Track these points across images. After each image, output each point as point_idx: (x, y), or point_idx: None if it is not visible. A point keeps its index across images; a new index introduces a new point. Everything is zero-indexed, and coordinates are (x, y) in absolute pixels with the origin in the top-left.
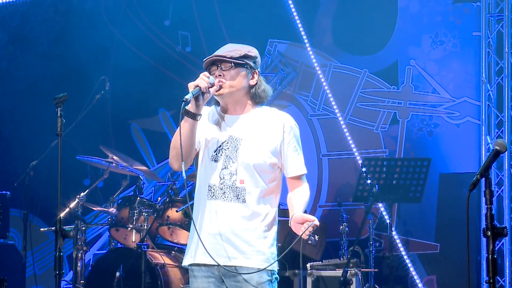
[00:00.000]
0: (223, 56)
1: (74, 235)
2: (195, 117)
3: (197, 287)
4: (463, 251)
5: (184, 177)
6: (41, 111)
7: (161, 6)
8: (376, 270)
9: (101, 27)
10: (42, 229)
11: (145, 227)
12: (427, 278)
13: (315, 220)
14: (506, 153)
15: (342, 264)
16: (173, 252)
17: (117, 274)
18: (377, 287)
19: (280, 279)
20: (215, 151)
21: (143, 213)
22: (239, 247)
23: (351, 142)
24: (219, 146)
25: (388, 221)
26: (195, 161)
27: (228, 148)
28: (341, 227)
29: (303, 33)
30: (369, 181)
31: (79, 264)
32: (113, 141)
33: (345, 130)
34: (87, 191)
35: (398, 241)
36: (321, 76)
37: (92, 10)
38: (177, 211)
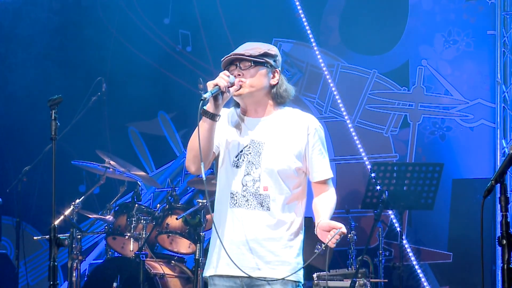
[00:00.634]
0: (241, 55)
1: (69, 244)
2: (213, 117)
3: None
4: (477, 261)
5: (204, 178)
6: (35, 113)
7: (160, 4)
8: (386, 280)
9: (97, 25)
10: (35, 238)
11: (144, 235)
12: None
13: (342, 227)
14: None
15: (350, 274)
16: (172, 261)
17: (114, 284)
18: None
19: None
20: (236, 156)
21: (142, 221)
22: (264, 257)
23: (359, 146)
24: (240, 151)
25: (398, 229)
26: (214, 165)
27: (250, 153)
28: (349, 235)
29: (309, 31)
30: (378, 187)
31: (74, 274)
32: (110, 145)
33: (353, 134)
34: (82, 197)
35: (409, 250)
36: (328, 77)
37: (88, 7)
38: (177, 219)
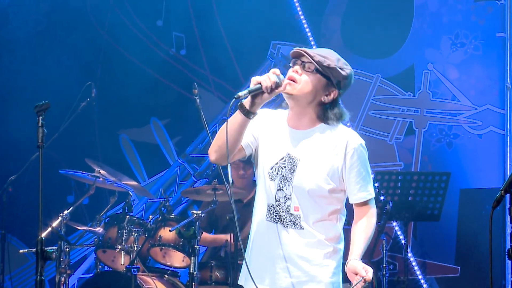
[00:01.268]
0: (309, 55)
1: (57, 257)
2: (248, 114)
3: None
4: (486, 275)
5: (230, 180)
6: (21, 120)
7: (153, 5)
8: None
9: (87, 27)
10: (21, 251)
11: (135, 248)
12: None
13: (368, 272)
14: None
15: None
16: (166, 276)
17: None
18: None
19: None
20: (271, 168)
21: (133, 233)
22: (298, 277)
23: None
24: (276, 163)
25: (403, 241)
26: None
27: (285, 167)
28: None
29: (309, 34)
30: (382, 198)
31: None
32: (100, 153)
33: None
34: (71, 208)
35: (414, 263)
36: None
37: (77, 8)
38: (170, 231)
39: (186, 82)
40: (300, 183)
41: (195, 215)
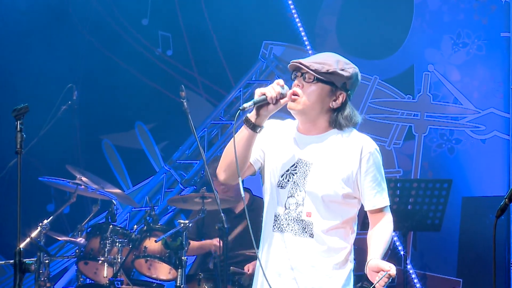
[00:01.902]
0: (305, 66)
1: (36, 269)
2: (254, 128)
3: None
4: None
5: (242, 194)
6: None
7: (138, 3)
8: None
9: (68, 26)
10: None
11: (119, 259)
12: None
13: (391, 268)
14: None
15: None
16: None
17: None
18: None
19: None
20: (282, 176)
21: (117, 244)
22: (307, 287)
23: None
24: (287, 170)
25: (402, 252)
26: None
27: (297, 173)
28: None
29: (303, 33)
30: None
31: None
32: (81, 159)
33: None
34: (51, 218)
35: (414, 276)
36: None
37: (58, 6)
38: (156, 241)
39: (173, 84)
40: (313, 187)
41: (182, 224)
